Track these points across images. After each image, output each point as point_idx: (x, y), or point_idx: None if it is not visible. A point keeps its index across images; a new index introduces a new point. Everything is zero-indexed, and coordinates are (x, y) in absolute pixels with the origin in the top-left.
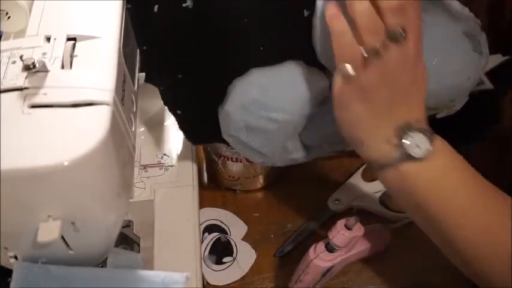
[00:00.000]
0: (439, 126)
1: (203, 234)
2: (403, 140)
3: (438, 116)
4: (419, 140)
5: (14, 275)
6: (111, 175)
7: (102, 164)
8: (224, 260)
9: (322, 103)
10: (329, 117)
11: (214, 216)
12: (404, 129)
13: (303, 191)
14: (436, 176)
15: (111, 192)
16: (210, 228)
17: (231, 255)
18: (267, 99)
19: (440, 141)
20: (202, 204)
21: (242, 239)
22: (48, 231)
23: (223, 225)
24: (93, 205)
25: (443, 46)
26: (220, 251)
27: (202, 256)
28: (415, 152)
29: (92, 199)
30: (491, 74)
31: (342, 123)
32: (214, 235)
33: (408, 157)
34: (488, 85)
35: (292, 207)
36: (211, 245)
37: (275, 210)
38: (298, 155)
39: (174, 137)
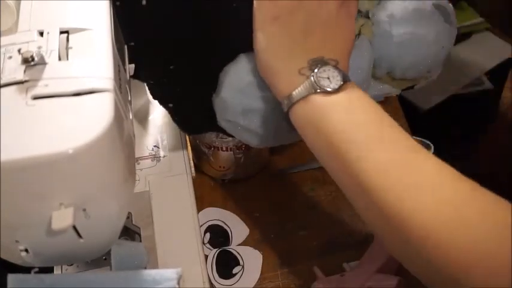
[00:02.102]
0: (439, 125)
1: (204, 235)
2: (315, 70)
3: (416, 87)
4: (331, 74)
5: (9, 287)
6: (118, 161)
7: (109, 150)
8: (234, 271)
9: None
10: None
11: (216, 217)
12: (317, 63)
13: (303, 185)
14: (343, 109)
15: (119, 178)
16: (212, 229)
17: (239, 264)
18: (261, 80)
19: (352, 83)
20: (202, 204)
21: (243, 242)
22: (62, 218)
23: (225, 227)
24: (103, 191)
25: (416, 18)
26: (227, 263)
27: (212, 276)
28: (326, 85)
29: (101, 185)
30: (491, 74)
31: (259, 46)
32: (216, 250)
33: (318, 89)
34: (488, 85)
35: (292, 205)
36: (216, 261)
37: (274, 209)
38: (293, 133)
39: (162, 129)
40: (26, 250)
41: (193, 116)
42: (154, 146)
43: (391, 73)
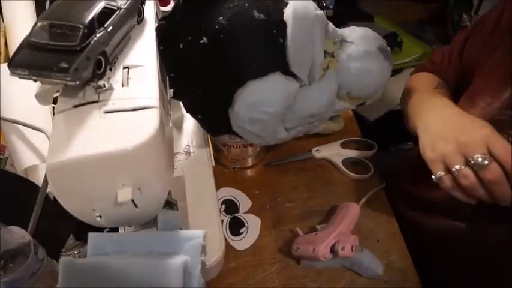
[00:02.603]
0: (382, 131)
1: (221, 206)
2: None
3: (366, 103)
4: None
5: (89, 241)
6: (162, 155)
7: (156, 148)
8: (241, 230)
9: (294, 98)
10: (299, 106)
11: (229, 194)
12: None
13: (289, 172)
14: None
15: (163, 167)
16: (226, 202)
17: (244, 226)
18: (262, 100)
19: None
20: (219, 185)
21: (248, 211)
22: (124, 195)
23: (235, 200)
24: (152, 176)
25: (366, 57)
26: (236, 225)
27: (226, 234)
28: None
29: (151, 172)
30: None
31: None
32: (229, 217)
33: None
34: None
35: (281, 186)
36: (229, 223)
37: (269, 188)
38: (283, 135)
39: (192, 133)
40: (100, 216)
41: (215, 123)
42: (187, 145)
43: (349, 94)
